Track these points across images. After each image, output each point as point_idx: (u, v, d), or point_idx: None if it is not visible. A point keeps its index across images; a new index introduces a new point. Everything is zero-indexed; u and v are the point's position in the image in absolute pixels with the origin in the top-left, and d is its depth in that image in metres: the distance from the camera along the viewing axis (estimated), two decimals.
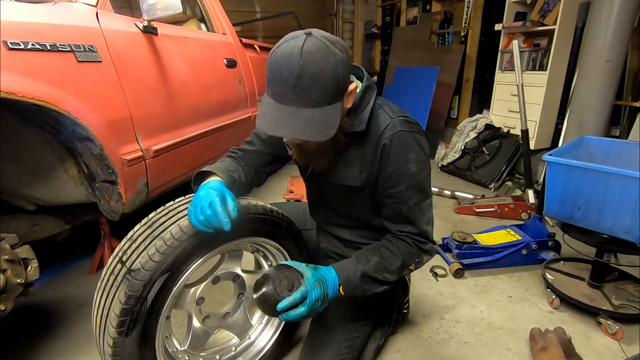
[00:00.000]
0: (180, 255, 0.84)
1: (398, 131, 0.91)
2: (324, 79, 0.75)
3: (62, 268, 1.79)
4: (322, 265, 0.94)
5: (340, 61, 0.77)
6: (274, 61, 0.77)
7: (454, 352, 1.31)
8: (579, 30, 2.46)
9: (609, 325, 1.37)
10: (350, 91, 0.85)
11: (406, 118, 0.94)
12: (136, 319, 0.81)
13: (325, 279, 0.90)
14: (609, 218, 1.32)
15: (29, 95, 1.02)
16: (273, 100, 0.79)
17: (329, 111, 0.79)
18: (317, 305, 0.86)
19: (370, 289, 0.96)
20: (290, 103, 0.77)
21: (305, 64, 0.73)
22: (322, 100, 0.78)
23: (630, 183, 1.24)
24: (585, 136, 1.78)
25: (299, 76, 0.74)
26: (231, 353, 1.15)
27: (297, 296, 0.84)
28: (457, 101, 3.95)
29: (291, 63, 0.74)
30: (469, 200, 2.58)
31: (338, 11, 5.63)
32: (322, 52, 0.75)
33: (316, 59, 0.74)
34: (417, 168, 0.93)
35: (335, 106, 0.80)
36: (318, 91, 0.76)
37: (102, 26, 1.33)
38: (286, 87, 0.76)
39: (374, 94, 0.96)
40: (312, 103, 0.77)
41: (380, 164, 0.93)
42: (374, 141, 0.93)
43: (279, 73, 0.75)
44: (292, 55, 0.74)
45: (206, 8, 2.31)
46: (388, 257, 0.96)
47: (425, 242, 0.98)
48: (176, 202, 0.97)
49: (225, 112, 2.15)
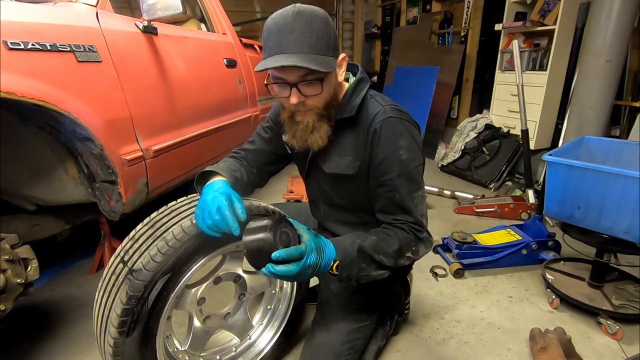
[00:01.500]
0: (182, 256, 0.84)
1: (389, 117, 0.93)
2: (317, 26, 0.82)
3: (62, 268, 1.79)
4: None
5: (331, 20, 0.86)
6: (269, 20, 0.85)
7: (454, 352, 1.31)
8: (579, 30, 2.46)
9: (609, 325, 1.37)
10: (340, 60, 0.91)
11: (397, 107, 0.97)
12: (137, 320, 0.81)
13: (323, 249, 0.86)
14: (609, 218, 1.32)
15: (29, 95, 1.02)
16: (271, 56, 0.84)
17: (325, 58, 0.84)
18: (307, 271, 0.81)
19: (366, 269, 0.91)
20: (286, 50, 0.81)
21: (299, 12, 0.81)
22: (317, 45, 0.82)
23: (630, 183, 1.24)
24: (585, 136, 1.78)
25: (294, 20, 0.81)
26: (232, 353, 1.15)
27: (296, 252, 0.78)
28: (457, 101, 3.95)
29: (285, 13, 0.82)
30: (469, 200, 2.58)
31: (338, 11, 5.62)
32: (312, 8, 0.84)
33: (308, 11, 0.83)
34: (407, 156, 0.93)
35: (330, 58, 0.86)
36: (312, 36, 0.82)
37: (102, 26, 1.32)
38: (282, 35, 0.81)
39: (367, 86, 0.99)
40: (308, 48, 0.82)
41: (372, 149, 0.95)
42: (365, 127, 0.95)
43: (275, 24, 0.83)
44: (285, 10, 0.83)
45: (206, 8, 2.31)
46: (385, 239, 0.94)
47: (421, 231, 0.97)
48: (178, 202, 0.97)
49: (225, 112, 2.14)
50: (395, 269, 0.96)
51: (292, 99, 0.86)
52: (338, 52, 0.90)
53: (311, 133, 0.93)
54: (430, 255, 1.95)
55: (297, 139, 0.95)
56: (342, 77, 0.94)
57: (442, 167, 3.45)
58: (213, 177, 0.94)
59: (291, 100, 0.86)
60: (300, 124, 0.92)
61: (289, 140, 0.98)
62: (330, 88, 0.90)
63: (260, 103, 2.63)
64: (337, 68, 0.91)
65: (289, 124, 0.95)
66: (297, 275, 0.80)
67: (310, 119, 0.91)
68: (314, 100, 0.88)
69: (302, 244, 0.81)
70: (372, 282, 0.95)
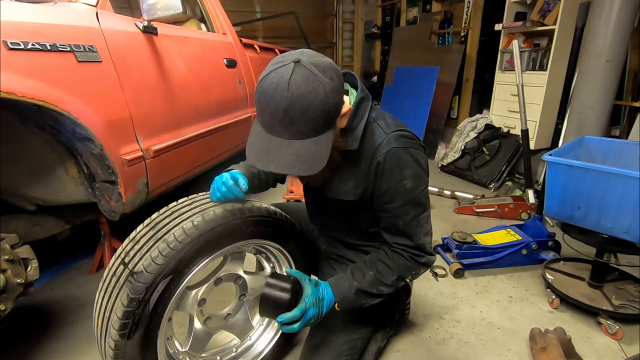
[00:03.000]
0: (184, 258, 0.84)
1: (392, 148, 0.89)
2: (313, 112, 0.74)
3: (62, 268, 1.79)
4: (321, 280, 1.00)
5: (331, 90, 0.75)
6: (261, 92, 0.75)
7: (454, 352, 1.31)
8: (579, 30, 2.46)
9: (609, 325, 1.37)
10: (343, 113, 0.83)
11: (401, 132, 0.92)
12: (138, 322, 0.81)
13: (323, 298, 0.95)
14: (609, 218, 1.32)
15: (29, 95, 1.02)
16: (263, 130, 0.79)
17: (320, 141, 0.78)
18: (310, 322, 0.93)
19: (366, 302, 0.99)
20: (279, 135, 0.76)
21: (293, 97, 0.72)
22: (312, 130, 0.77)
23: (630, 183, 1.24)
24: (585, 136, 1.78)
25: (286, 110, 0.72)
26: (232, 354, 1.15)
27: (297, 314, 0.89)
28: (457, 101, 3.95)
29: (279, 95, 0.72)
30: (469, 200, 2.58)
31: (338, 11, 5.62)
32: (310, 83, 0.73)
33: (304, 92, 0.72)
34: (412, 184, 0.92)
35: (326, 135, 0.79)
36: (307, 124, 0.75)
37: (102, 26, 1.32)
38: (275, 120, 0.75)
39: (369, 106, 0.93)
40: (302, 135, 0.76)
41: (375, 180, 0.93)
42: (369, 158, 0.92)
43: (267, 105, 0.74)
44: (279, 88, 0.72)
45: (206, 8, 2.31)
46: (384, 271, 0.98)
47: (421, 255, 0.98)
48: (179, 203, 0.97)
49: (225, 112, 2.14)
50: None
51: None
52: (340, 109, 0.81)
53: (309, 176, 0.93)
54: None
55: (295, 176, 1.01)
56: (345, 124, 0.88)
57: (442, 167, 3.45)
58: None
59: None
60: None
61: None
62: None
63: None
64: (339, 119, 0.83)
65: None
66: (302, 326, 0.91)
67: None
68: None
69: (301, 302, 0.91)
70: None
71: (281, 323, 0.90)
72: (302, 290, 0.93)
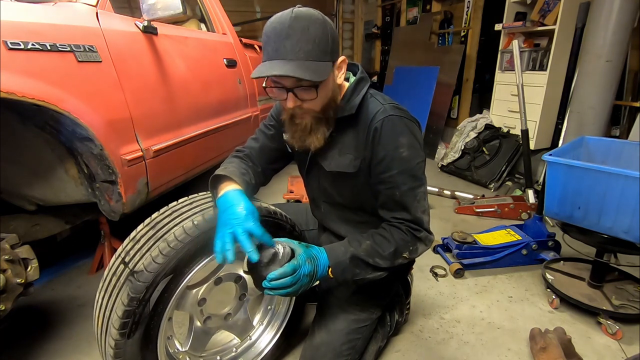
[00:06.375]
0: (184, 258, 0.84)
1: (389, 115, 0.94)
2: (313, 31, 0.82)
3: (62, 268, 1.79)
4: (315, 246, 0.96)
5: (329, 23, 0.86)
6: (268, 24, 0.85)
7: (454, 352, 1.31)
8: (579, 30, 2.46)
9: (609, 325, 1.37)
10: (340, 63, 0.91)
11: (397, 105, 0.97)
12: (138, 321, 0.81)
13: (317, 257, 0.91)
14: (609, 218, 1.32)
15: (29, 95, 1.02)
16: (267, 60, 0.85)
17: (320, 65, 0.85)
18: (304, 280, 0.87)
19: (361, 272, 0.95)
20: (283, 56, 0.82)
21: (296, 17, 0.82)
22: (314, 52, 0.83)
23: (630, 183, 1.25)
24: (585, 136, 1.78)
25: (290, 27, 0.81)
26: (232, 354, 1.15)
27: (289, 269, 0.84)
28: (457, 101, 3.95)
29: (283, 18, 0.83)
30: (469, 200, 2.58)
31: (338, 11, 5.61)
32: (310, 12, 0.84)
33: (305, 15, 0.83)
34: (408, 153, 0.94)
35: (326, 64, 0.86)
36: (309, 43, 0.82)
37: (102, 26, 1.32)
38: (279, 40, 0.82)
39: (367, 85, 1.00)
40: (304, 54, 0.82)
41: (372, 147, 0.95)
42: (366, 126, 0.96)
43: (272, 29, 0.83)
44: (283, 14, 0.84)
45: (206, 8, 2.31)
46: (381, 242, 0.96)
47: (419, 230, 0.97)
48: (179, 202, 0.97)
49: (225, 112, 2.14)
50: (394, 268, 0.98)
51: (288, 103, 0.89)
52: (337, 55, 0.90)
53: (309, 134, 0.95)
54: (430, 255, 1.95)
55: (296, 140, 0.98)
56: (342, 80, 0.95)
57: (442, 167, 3.45)
58: (225, 183, 0.94)
59: (288, 104, 0.89)
60: (298, 125, 0.95)
61: (289, 140, 1.01)
62: (326, 92, 0.91)
63: (260, 103, 2.63)
64: (336, 70, 0.92)
65: (289, 125, 0.98)
66: (295, 286, 0.85)
67: (308, 121, 0.93)
68: (310, 104, 0.90)
69: (295, 259, 0.86)
70: (371, 281, 0.98)
71: (271, 281, 0.83)
72: (294, 252, 0.89)
